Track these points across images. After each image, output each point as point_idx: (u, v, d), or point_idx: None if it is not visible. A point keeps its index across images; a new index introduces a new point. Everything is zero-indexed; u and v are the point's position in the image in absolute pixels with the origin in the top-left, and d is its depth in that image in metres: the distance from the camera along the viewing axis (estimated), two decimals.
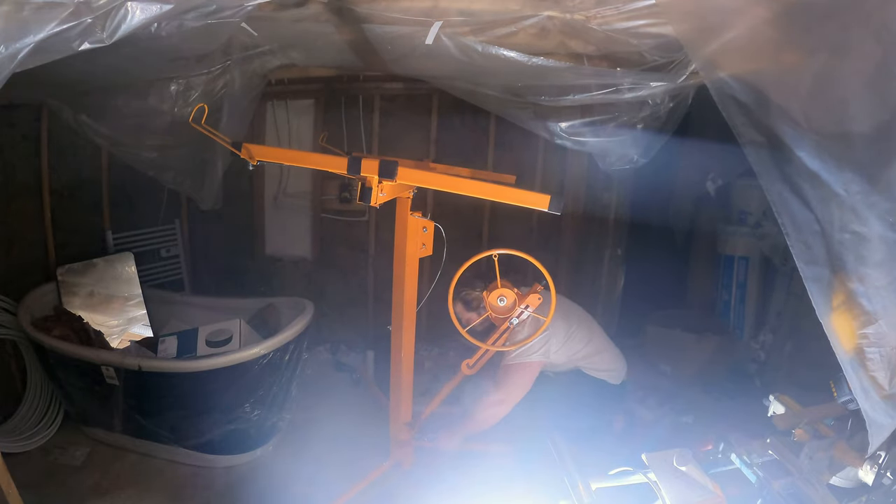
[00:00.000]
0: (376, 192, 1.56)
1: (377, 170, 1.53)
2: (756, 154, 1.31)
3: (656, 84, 2.08)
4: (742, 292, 3.26)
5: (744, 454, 1.44)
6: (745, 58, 1.32)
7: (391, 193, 1.65)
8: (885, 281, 1.13)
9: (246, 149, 1.60)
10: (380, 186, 1.56)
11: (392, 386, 2.04)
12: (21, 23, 1.07)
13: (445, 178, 1.63)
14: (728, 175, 3.19)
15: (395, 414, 2.07)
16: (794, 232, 1.25)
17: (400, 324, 1.91)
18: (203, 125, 1.60)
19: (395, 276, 1.87)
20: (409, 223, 1.77)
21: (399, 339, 1.94)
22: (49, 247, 2.73)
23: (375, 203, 1.58)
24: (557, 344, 2.02)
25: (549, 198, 1.49)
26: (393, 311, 1.92)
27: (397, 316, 1.91)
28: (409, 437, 2.09)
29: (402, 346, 1.94)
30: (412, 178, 1.59)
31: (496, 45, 1.92)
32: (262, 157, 1.62)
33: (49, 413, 2.51)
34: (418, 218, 1.79)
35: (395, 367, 2.00)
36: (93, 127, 2.66)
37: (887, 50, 1.03)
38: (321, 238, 3.40)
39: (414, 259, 1.82)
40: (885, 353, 1.16)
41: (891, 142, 1.06)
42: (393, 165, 1.53)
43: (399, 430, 2.08)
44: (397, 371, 2.00)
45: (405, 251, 1.80)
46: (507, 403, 1.99)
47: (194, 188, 3.07)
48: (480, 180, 1.80)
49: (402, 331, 1.91)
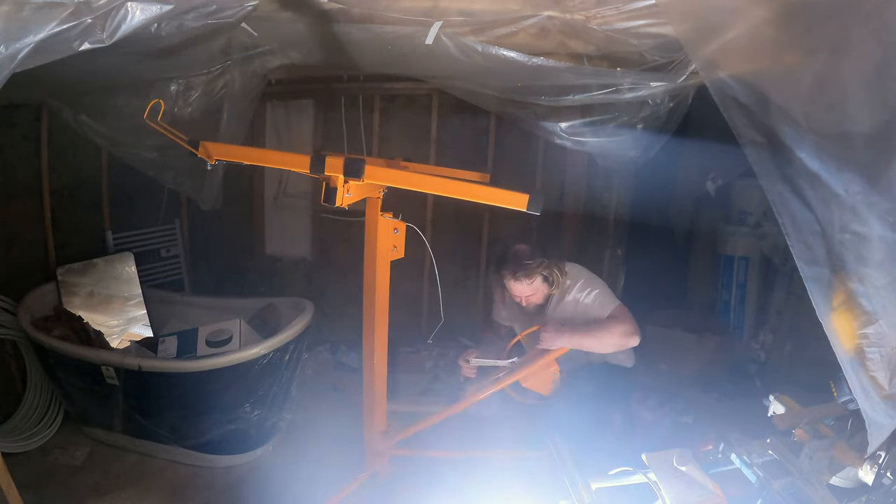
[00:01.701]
0: (342, 192, 1.48)
1: (342, 168, 1.44)
2: (756, 154, 1.31)
3: (656, 84, 2.08)
4: (742, 292, 3.26)
5: (744, 454, 1.44)
6: (745, 58, 1.32)
7: (359, 194, 1.57)
8: (885, 281, 1.13)
9: (203, 147, 1.51)
10: (346, 186, 1.48)
11: (365, 394, 1.93)
12: (21, 23, 1.08)
13: (415, 177, 1.55)
14: (728, 175, 3.19)
15: (368, 422, 1.97)
16: (794, 232, 1.25)
17: (371, 329, 1.81)
18: (158, 122, 1.52)
19: (365, 280, 1.77)
20: (379, 224, 1.69)
21: (371, 346, 1.84)
22: (49, 247, 2.74)
23: (341, 204, 1.50)
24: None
25: (527, 197, 1.41)
26: (364, 317, 1.82)
27: (368, 321, 1.81)
28: (385, 447, 2.00)
29: (374, 353, 1.84)
30: (380, 178, 1.51)
31: (496, 46, 1.92)
32: (221, 156, 1.53)
33: (49, 413, 2.52)
34: (389, 219, 1.71)
35: (367, 374, 1.90)
36: (93, 127, 2.66)
37: (887, 50, 1.03)
38: (321, 238, 3.41)
39: (385, 262, 1.74)
40: (885, 353, 1.16)
41: (891, 142, 1.06)
42: (359, 164, 1.44)
43: (374, 439, 1.99)
44: (370, 379, 1.89)
45: (375, 254, 1.72)
46: (637, 337, 1.94)
47: (194, 188, 3.07)
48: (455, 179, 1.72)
49: (373, 336, 1.82)
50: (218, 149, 1.52)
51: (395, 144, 3.16)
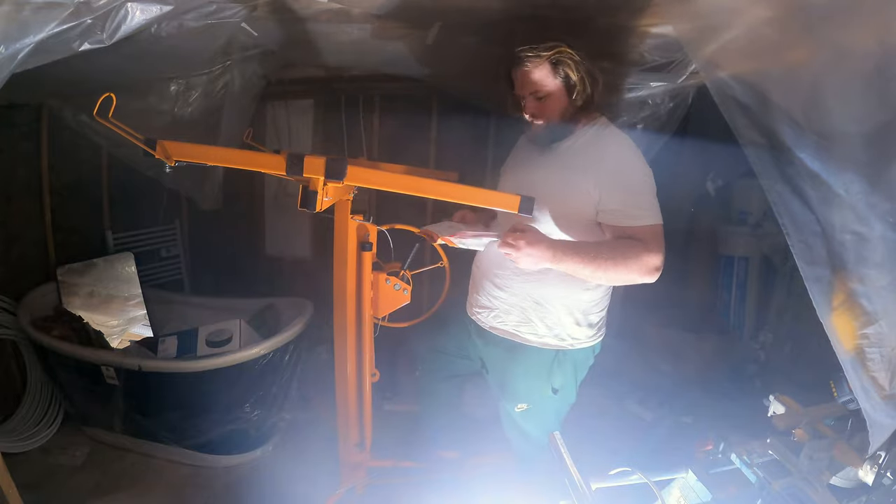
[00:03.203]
0: (321, 195, 1.35)
1: (323, 170, 1.32)
2: (756, 154, 1.31)
3: (656, 84, 2.08)
4: (742, 292, 3.25)
5: (744, 454, 1.44)
6: (745, 58, 1.32)
7: (334, 196, 1.46)
8: (885, 281, 1.13)
9: (161, 146, 1.33)
10: (325, 189, 1.36)
11: (338, 405, 1.82)
12: (21, 23, 1.08)
13: (403, 179, 1.43)
14: (728, 175, 3.19)
15: (343, 434, 1.85)
16: (794, 232, 1.25)
17: (343, 337, 1.70)
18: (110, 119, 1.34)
19: (335, 288, 1.65)
20: (349, 228, 1.58)
21: (343, 355, 1.73)
22: (49, 247, 2.73)
23: (321, 209, 1.39)
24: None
25: (518, 199, 1.34)
26: (335, 325, 1.70)
27: (339, 330, 1.70)
28: (361, 459, 1.91)
29: (346, 362, 1.74)
30: (363, 180, 1.38)
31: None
32: (182, 157, 1.35)
33: (49, 413, 2.51)
34: (360, 222, 1.61)
35: (339, 384, 1.78)
36: (93, 127, 2.66)
37: (887, 50, 1.03)
38: (321, 238, 3.40)
39: (354, 266, 1.65)
40: (886, 354, 1.16)
41: (891, 142, 1.06)
42: (341, 164, 1.32)
43: (349, 452, 1.88)
44: (342, 389, 1.78)
45: (345, 259, 1.60)
46: (658, 273, 1.45)
47: (194, 188, 3.07)
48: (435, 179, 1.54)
49: (345, 345, 1.71)
50: (178, 148, 1.34)
51: (395, 144, 3.16)
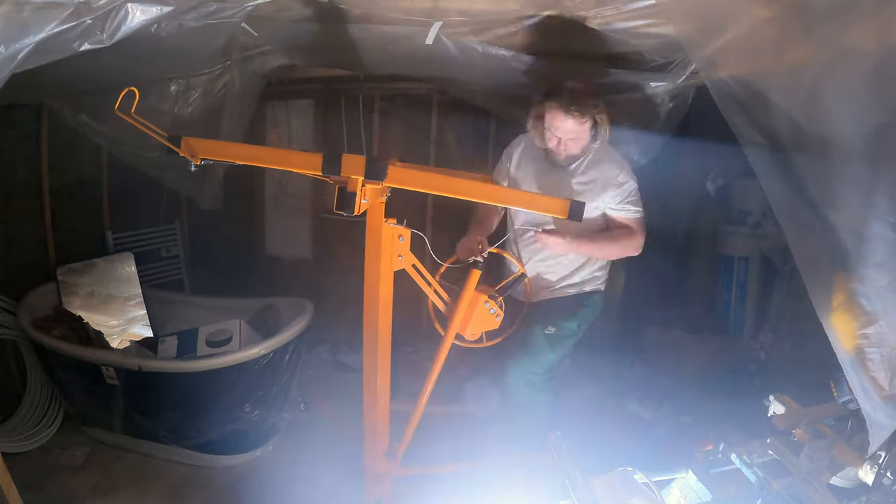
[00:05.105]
0: (360, 197, 1.28)
1: (363, 169, 1.26)
2: (756, 154, 1.31)
3: (656, 84, 2.08)
4: (742, 292, 3.25)
5: (744, 454, 1.44)
6: (745, 58, 1.32)
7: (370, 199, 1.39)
8: (885, 281, 1.13)
9: (186, 144, 1.27)
10: (363, 191, 1.29)
11: (366, 414, 1.75)
12: (21, 23, 1.08)
13: (449, 181, 1.39)
14: (728, 175, 3.18)
15: (370, 444, 1.77)
16: (794, 232, 1.25)
17: (374, 348, 1.63)
18: (132, 114, 1.28)
19: (366, 296, 1.58)
20: (383, 233, 1.50)
21: (373, 366, 1.65)
22: (49, 247, 2.73)
23: (359, 212, 1.32)
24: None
25: (567, 204, 1.34)
26: (365, 335, 1.63)
27: (370, 340, 1.62)
28: (388, 470, 1.86)
29: (377, 374, 1.66)
30: (408, 182, 1.32)
31: (496, 46, 1.92)
32: (208, 155, 1.29)
33: (49, 413, 2.51)
34: (393, 225, 1.52)
35: (368, 395, 1.71)
36: (93, 127, 2.66)
37: (887, 50, 1.03)
38: (321, 238, 3.40)
39: (389, 274, 1.57)
40: (886, 354, 1.16)
41: (890, 142, 1.06)
42: (382, 165, 1.26)
43: (376, 463, 1.80)
44: (371, 399, 1.71)
45: (379, 266, 1.51)
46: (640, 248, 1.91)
47: (194, 188, 3.07)
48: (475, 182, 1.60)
49: (376, 356, 1.64)
50: (205, 146, 1.27)
51: (396, 144, 3.16)
